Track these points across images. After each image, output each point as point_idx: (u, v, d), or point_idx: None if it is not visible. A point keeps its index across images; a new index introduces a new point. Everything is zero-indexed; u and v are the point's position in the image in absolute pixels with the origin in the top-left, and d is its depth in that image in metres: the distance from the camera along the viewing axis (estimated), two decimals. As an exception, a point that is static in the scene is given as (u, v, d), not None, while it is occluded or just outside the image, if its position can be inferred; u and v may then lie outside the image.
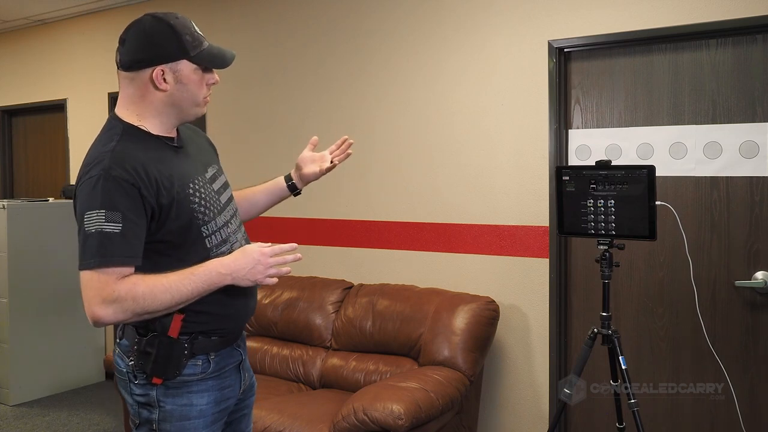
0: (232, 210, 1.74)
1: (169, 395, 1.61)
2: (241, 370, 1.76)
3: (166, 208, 1.54)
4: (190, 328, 1.60)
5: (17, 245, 4.24)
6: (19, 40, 5.37)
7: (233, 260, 1.58)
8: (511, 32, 3.07)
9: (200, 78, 1.62)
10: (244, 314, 1.73)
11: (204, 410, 1.64)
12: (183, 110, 1.64)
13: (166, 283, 1.50)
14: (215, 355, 1.65)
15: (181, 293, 1.51)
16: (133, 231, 1.48)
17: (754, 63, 2.63)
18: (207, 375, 1.64)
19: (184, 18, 1.63)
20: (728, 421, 2.70)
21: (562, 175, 2.32)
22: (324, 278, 3.55)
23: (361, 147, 3.55)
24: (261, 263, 1.59)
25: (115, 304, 1.45)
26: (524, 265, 3.08)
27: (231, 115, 4.00)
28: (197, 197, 1.60)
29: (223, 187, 1.75)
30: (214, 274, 1.55)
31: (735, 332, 2.70)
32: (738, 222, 2.68)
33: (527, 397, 3.10)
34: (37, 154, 5.45)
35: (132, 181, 1.48)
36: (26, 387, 4.34)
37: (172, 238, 1.57)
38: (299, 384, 3.25)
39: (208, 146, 1.87)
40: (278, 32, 3.85)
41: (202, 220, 1.60)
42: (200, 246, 1.60)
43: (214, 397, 1.66)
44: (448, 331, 2.90)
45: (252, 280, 1.59)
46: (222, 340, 1.67)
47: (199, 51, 1.60)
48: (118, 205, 1.46)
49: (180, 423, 1.62)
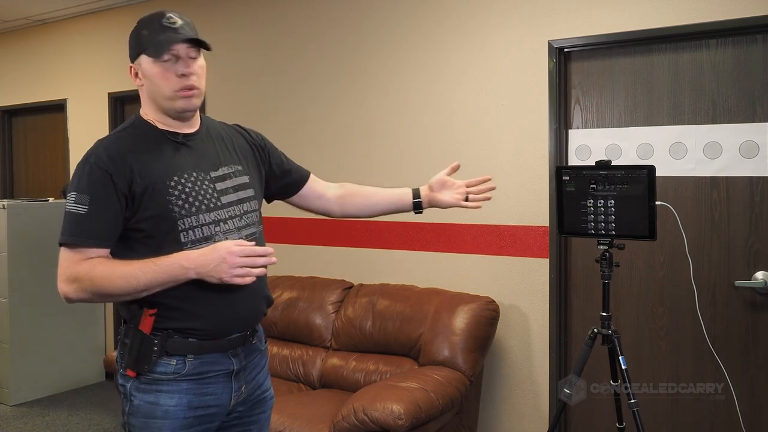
0: (235, 212, 1.69)
1: (139, 390, 1.61)
2: (234, 380, 1.69)
3: (139, 196, 1.56)
4: (164, 324, 1.59)
5: (17, 245, 4.24)
6: (19, 40, 5.37)
7: (199, 254, 1.56)
8: (511, 32, 3.07)
9: (163, 70, 1.60)
10: (228, 318, 1.65)
11: (171, 412, 1.60)
12: (160, 104, 1.64)
13: (126, 269, 1.53)
14: (194, 358, 1.61)
15: (139, 281, 1.52)
16: (100, 214, 1.54)
17: (754, 63, 2.63)
18: (181, 376, 1.60)
19: (158, 12, 1.63)
20: (728, 421, 2.70)
21: (562, 175, 2.32)
22: (324, 278, 3.55)
23: (362, 147, 3.55)
24: (227, 261, 1.54)
25: (75, 282, 1.54)
26: (524, 265, 3.08)
27: (231, 115, 3.99)
28: (178, 190, 1.60)
29: (234, 188, 1.70)
30: (177, 267, 1.54)
31: (735, 332, 2.69)
32: (738, 222, 2.68)
33: (527, 397, 3.10)
34: (37, 154, 5.45)
35: (105, 167, 1.55)
36: (26, 387, 4.34)
37: (147, 227, 1.58)
38: (299, 384, 3.25)
39: (246, 148, 1.82)
40: (278, 32, 3.84)
41: (179, 213, 1.59)
42: (174, 239, 1.58)
43: (187, 400, 1.61)
44: (448, 331, 2.90)
45: (217, 278, 1.55)
46: (201, 343, 1.61)
47: (153, 44, 1.59)
48: (88, 188, 1.55)
49: (144, 420, 1.61)
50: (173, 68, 1.60)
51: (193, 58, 1.64)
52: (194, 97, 1.64)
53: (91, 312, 4.65)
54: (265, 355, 1.84)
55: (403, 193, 2.01)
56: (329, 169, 3.67)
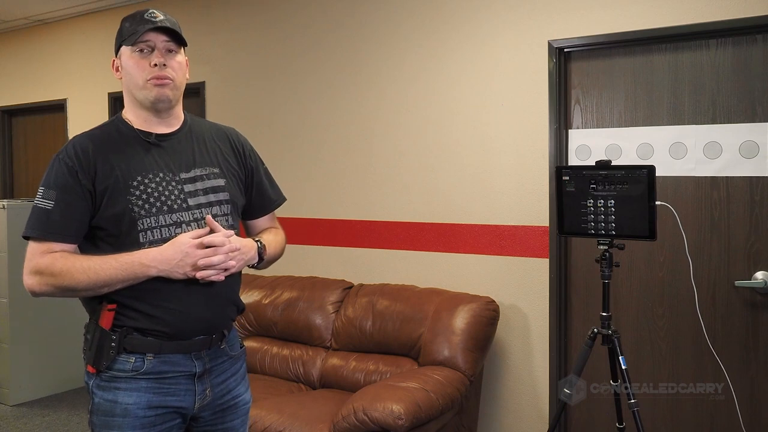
0: (202, 214, 1.65)
1: (100, 387, 1.61)
2: (197, 382, 1.65)
3: (101, 194, 1.59)
4: (123, 322, 1.59)
5: (17, 245, 4.24)
6: (19, 40, 5.37)
7: (159, 251, 1.56)
8: (511, 32, 3.07)
9: (138, 59, 1.63)
10: (187, 321, 1.62)
11: (130, 410, 1.58)
12: (134, 95, 1.67)
13: (87, 264, 1.54)
14: (154, 357, 1.60)
15: (99, 276, 1.53)
16: (65, 210, 1.57)
17: (754, 63, 2.63)
18: (139, 374, 1.59)
19: (143, 9, 1.67)
20: (728, 421, 2.70)
21: (562, 175, 2.32)
22: (324, 278, 3.54)
23: (361, 147, 3.55)
24: (189, 255, 1.55)
25: (37, 275, 1.57)
26: (524, 265, 3.08)
27: (230, 115, 4.00)
28: (140, 191, 1.60)
29: (205, 191, 1.68)
30: (137, 264, 1.54)
31: (735, 332, 2.69)
32: (738, 222, 2.68)
33: (527, 397, 3.10)
34: (37, 154, 5.45)
35: (71, 164, 1.59)
36: (26, 387, 4.34)
37: (108, 226, 1.59)
38: (299, 384, 3.25)
39: (230, 152, 1.79)
40: (278, 32, 3.84)
41: (139, 213, 1.58)
42: (133, 239, 1.58)
43: (146, 399, 1.59)
44: (448, 331, 2.90)
45: (182, 273, 1.56)
46: (160, 342, 1.60)
47: (130, 33, 1.63)
48: (56, 184, 1.58)
49: (104, 418, 1.60)
50: (148, 58, 1.63)
51: (170, 51, 1.65)
52: (167, 87, 1.64)
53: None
54: (238, 360, 1.80)
55: None
56: (329, 169, 3.67)
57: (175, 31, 1.65)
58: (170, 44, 1.65)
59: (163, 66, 1.63)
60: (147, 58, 1.63)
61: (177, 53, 1.67)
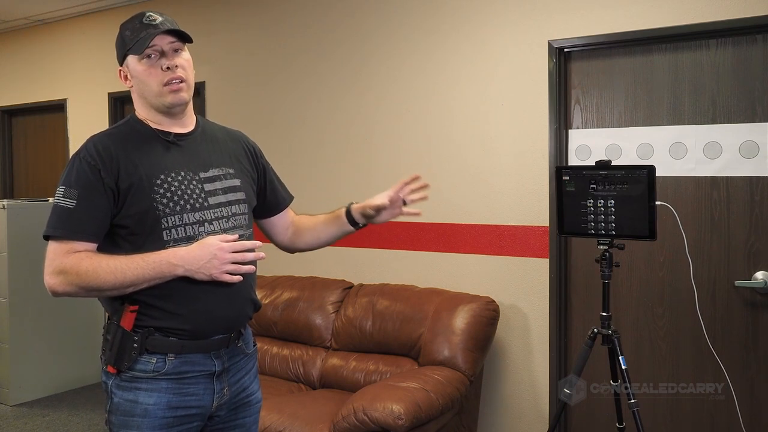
0: (223, 213, 1.68)
1: (120, 387, 1.61)
2: (216, 381, 1.67)
3: (125, 192, 1.58)
4: (144, 322, 1.59)
5: (17, 245, 4.24)
6: (19, 40, 5.37)
7: (187, 251, 1.56)
8: (511, 32, 3.07)
9: (148, 66, 1.63)
10: (210, 319, 1.63)
11: (150, 410, 1.59)
12: (150, 102, 1.67)
13: (113, 264, 1.53)
14: (175, 357, 1.60)
15: (126, 276, 1.52)
16: (88, 209, 1.56)
17: (754, 63, 2.63)
18: (160, 375, 1.60)
19: (138, 13, 1.67)
20: (728, 421, 2.70)
21: (562, 175, 2.32)
22: (324, 278, 3.55)
23: (361, 147, 3.55)
24: (217, 257, 1.56)
25: (61, 275, 1.53)
26: (524, 265, 3.08)
27: (230, 115, 4.00)
28: (164, 189, 1.60)
29: (224, 190, 1.70)
30: (164, 264, 1.54)
31: (735, 332, 2.69)
32: (738, 222, 2.68)
33: (527, 397, 3.10)
34: (37, 154, 5.45)
35: (93, 162, 1.58)
36: (26, 387, 4.34)
37: (131, 224, 1.59)
38: (299, 384, 3.25)
39: (242, 153, 1.82)
40: (278, 32, 3.85)
41: (163, 212, 1.59)
42: (156, 237, 1.59)
43: (166, 399, 1.60)
44: (448, 331, 2.90)
45: (207, 275, 1.56)
46: (182, 342, 1.61)
47: (135, 42, 1.62)
48: (77, 183, 1.57)
49: (123, 418, 1.61)
50: (158, 63, 1.63)
51: (176, 51, 1.66)
52: (182, 90, 1.65)
53: (92, 312, 4.64)
54: (252, 358, 1.82)
55: (337, 216, 1.94)
56: (329, 169, 3.68)
57: (179, 31, 1.66)
58: (176, 44, 1.66)
59: (176, 67, 1.64)
60: (157, 63, 1.63)
61: (183, 51, 1.69)
